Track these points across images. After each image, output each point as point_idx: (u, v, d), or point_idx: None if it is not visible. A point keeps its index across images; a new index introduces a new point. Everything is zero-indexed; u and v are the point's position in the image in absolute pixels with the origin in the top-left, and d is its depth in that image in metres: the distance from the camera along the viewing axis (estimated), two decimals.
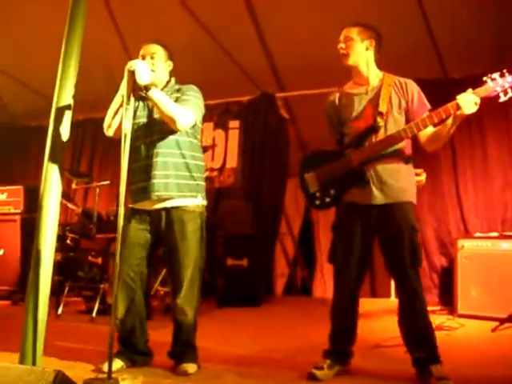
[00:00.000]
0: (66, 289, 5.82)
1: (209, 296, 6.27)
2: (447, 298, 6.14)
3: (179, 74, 3.84)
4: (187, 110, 3.52)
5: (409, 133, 3.25)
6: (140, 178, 3.60)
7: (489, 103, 3.24)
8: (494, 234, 5.89)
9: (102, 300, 5.53)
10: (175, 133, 3.56)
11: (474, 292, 5.60)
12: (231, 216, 6.80)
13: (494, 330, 4.89)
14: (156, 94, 3.45)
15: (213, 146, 7.62)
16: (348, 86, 3.58)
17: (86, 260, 6.05)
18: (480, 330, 5.04)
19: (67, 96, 3.37)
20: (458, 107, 3.09)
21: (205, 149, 3.90)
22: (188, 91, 3.64)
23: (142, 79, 3.35)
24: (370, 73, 3.47)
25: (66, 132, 3.38)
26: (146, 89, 3.41)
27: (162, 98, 3.46)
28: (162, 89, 3.69)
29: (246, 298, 6.62)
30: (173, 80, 3.78)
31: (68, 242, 6.07)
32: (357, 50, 3.44)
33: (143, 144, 3.62)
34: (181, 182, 3.56)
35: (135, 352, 3.66)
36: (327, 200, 3.49)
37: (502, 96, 3.12)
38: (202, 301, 3.70)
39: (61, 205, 3.36)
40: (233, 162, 7.65)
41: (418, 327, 3.33)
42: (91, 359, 3.68)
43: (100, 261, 5.99)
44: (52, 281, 3.25)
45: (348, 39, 3.44)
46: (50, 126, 3.39)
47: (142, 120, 3.67)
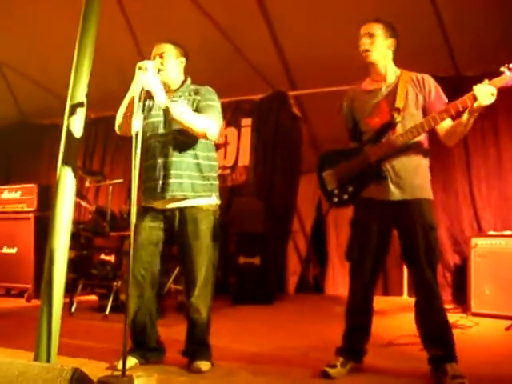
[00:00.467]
0: (80, 287, 5.86)
1: (222, 294, 6.28)
2: (461, 297, 6.12)
3: (192, 72, 3.84)
4: (213, 120, 3.55)
5: (426, 126, 3.23)
6: (153, 176, 3.61)
7: (502, 99, 3.22)
8: (508, 233, 5.85)
9: (115, 297, 5.55)
10: (189, 134, 3.56)
11: (488, 290, 5.57)
12: (244, 214, 6.81)
13: (507, 328, 4.88)
14: (178, 111, 3.46)
15: (225, 144, 7.64)
16: (365, 83, 3.55)
17: (99, 258, 6.08)
18: (494, 329, 5.02)
19: (81, 95, 3.38)
20: (474, 98, 3.06)
21: (217, 147, 3.89)
22: (207, 95, 3.65)
23: (159, 101, 3.41)
24: (388, 70, 3.44)
25: (79, 130, 3.39)
26: (166, 109, 3.46)
27: (186, 115, 3.48)
28: (177, 88, 3.71)
29: (259, 296, 6.62)
30: (189, 80, 3.77)
31: (81, 239, 6.09)
32: (380, 46, 3.39)
33: (157, 142, 3.62)
34: (195, 182, 3.57)
35: (147, 349, 3.67)
36: (345, 197, 3.48)
37: None
38: (215, 299, 3.70)
39: (74, 203, 3.37)
40: (245, 160, 7.66)
41: (435, 325, 3.32)
42: (105, 357, 3.70)
43: (113, 259, 6.02)
44: (66, 279, 3.26)
45: (371, 35, 3.39)
46: (64, 125, 3.39)
47: (157, 119, 3.67)
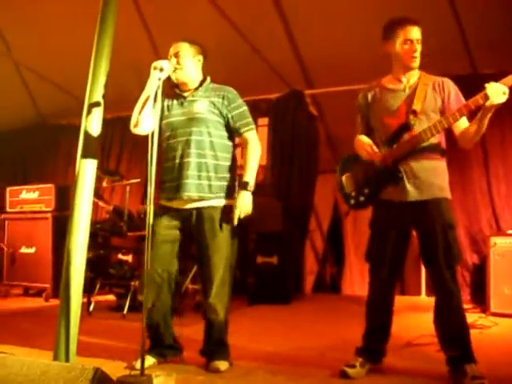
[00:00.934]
0: (98, 286, 5.88)
1: (239, 293, 6.28)
2: (479, 296, 6.08)
3: (209, 72, 3.82)
4: (254, 136, 3.72)
5: (439, 127, 3.22)
6: (172, 176, 3.60)
7: None
8: None
9: (132, 297, 5.55)
10: (210, 135, 3.59)
11: (507, 290, 5.53)
12: (261, 214, 6.73)
13: None
14: (253, 180, 3.63)
15: (239, 145, 7.61)
16: (387, 80, 3.51)
17: (116, 258, 6.11)
18: None
19: (98, 95, 3.40)
20: (486, 97, 3.04)
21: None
22: (235, 100, 3.67)
23: (246, 211, 3.58)
24: (412, 72, 3.42)
25: (97, 130, 3.41)
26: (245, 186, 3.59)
27: (254, 173, 3.64)
28: (196, 88, 3.69)
29: (276, 296, 6.60)
30: (208, 79, 3.75)
31: (99, 239, 6.11)
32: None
33: (177, 143, 3.61)
34: (213, 184, 3.57)
35: (164, 346, 3.68)
36: (361, 199, 3.49)
37: None
38: (232, 298, 3.69)
39: (92, 202, 3.39)
40: (262, 159, 7.54)
41: (453, 326, 3.29)
42: (123, 356, 3.71)
43: (130, 258, 6.04)
44: (84, 278, 3.28)
45: (419, 41, 3.36)
46: (82, 125, 3.41)
47: (177, 119, 3.66)
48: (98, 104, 3.40)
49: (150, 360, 3.50)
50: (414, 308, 6.00)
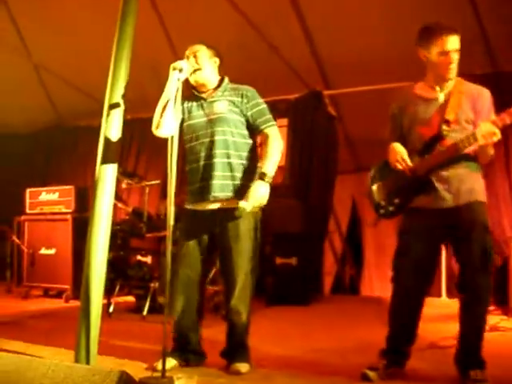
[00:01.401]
0: (117, 287, 5.88)
1: (257, 295, 6.25)
2: (501, 298, 6.00)
3: (227, 72, 3.81)
4: (275, 132, 3.66)
5: (472, 141, 3.13)
6: (197, 178, 3.59)
7: None
8: None
9: (152, 299, 5.56)
10: (233, 135, 3.57)
11: None
12: (280, 214, 6.75)
13: None
14: (272, 171, 3.56)
15: (260, 145, 7.57)
16: (419, 88, 3.41)
17: (135, 259, 6.11)
18: None
19: (118, 96, 3.40)
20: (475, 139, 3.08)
21: None
22: (254, 98, 3.65)
23: (260, 201, 3.46)
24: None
25: (117, 132, 3.41)
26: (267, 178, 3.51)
27: (275, 165, 3.60)
28: (215, 88, 3.69)
29: (295, 297, 6.56)
30: (226, 79, 3.74)
31: (118, 240, 6.11)
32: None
33: (200, 145, 3.60)
34: (237, 184, 3.55)
35: (189, 351, 3.65)
36: (391, 209, 3.42)
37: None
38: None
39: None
40: (281, 160, 7.54)
41: (471, 330, 3.25)
42: (144, 358, 3.70)
43: (149, 260, 6.03)
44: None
45: (457, 51, 3.25)
46: (102, 127, 3.42)
47: (198, 120, 3.65)
48: (118, 105, 3.40)
49: (171, 362, 3.48)
50: (436, 309, 5.93)
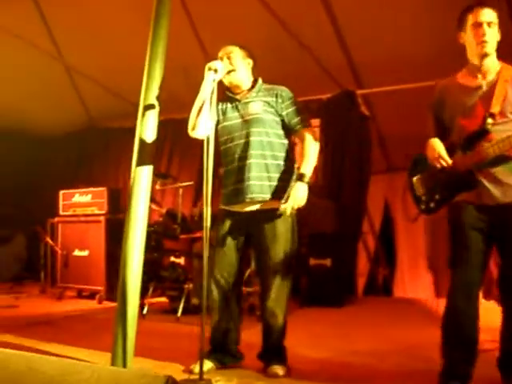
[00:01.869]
0: (151, 289, 5.88)
1: (291, 296, 6.20)
2: None
3: (260, 73, 3.79)
4: (310, 131, 3.61)
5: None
6: (233, 180, 3.58)
7: None
8: None
9: (186, 300, 5.56)
10: (268, 135, 3.54)
11: None
12: (314, 215, 6.68)
13: None
14: (310, 172, 3.49)
15: (293, 145, 7.55)
16: (461, 77, 3.21)
17: (169, 260, 6.11)
18: None
19: (153, 97, 3.39)
20: None
21: None
22: (289, 98, 3.62)
23: (300, 203, 3.41)
24: (491, 65, 3.09)
25: (152, 133, 3.39)
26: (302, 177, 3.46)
27: (313, 165, 3.53)
28: (249, 89, 3.67)
29: (329, 299, 6.50)
30: (260, 80, 3.72)
31: (151, 242, 6.12)
32: (495, 36, 3.08)
33: (235, 146, 3.58)
34: (274, 184, 3.51)
35: (227, 354, 3.63)
36: (431, 205, 3.27)
37: None
38: None
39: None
40: None
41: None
42: (179, 359, 3.69)
43: (183, 261, 6.03)
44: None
45: (491, 24, 3.04)
46: (137, 128, 3.41)
47: (233, 122, 3.63)
48: (152, 107, 3.39)
49: (208, 364, 3.46)
50: None
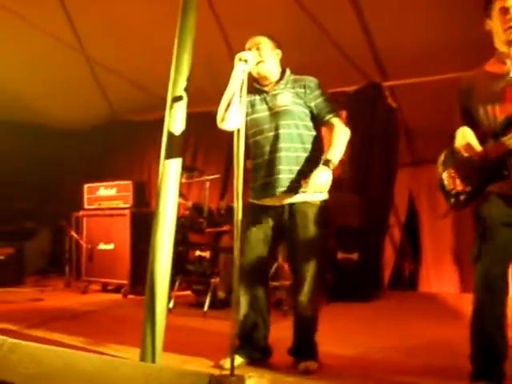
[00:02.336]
0: (177, 283, 5.86)
1: None
2: None
3: (285, 63, 3.74)
4: (339, 120, 3.54)
5: None
6: (263, 173, 3.53)
7: None
8: None
9: (212, 294, 5.54)
10: (297, 127, 3.49)
11: None
12: (341, 208, 6.58)
13: None
14: (337, 159, 3.41)
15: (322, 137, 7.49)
16: (490, 64, 3.12)
17: (194, 254, 6.07)
18: None
19: (181, 90, 3.35)
20: None
21: None
22: (317, 88, 3.57)
23: (321, 188, 3.35)
24: None
25: (181, 126, 3.35)
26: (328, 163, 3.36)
27: (340, 154, 3.45)
28: (277, 81, 3.62)
29: (356, 293, 6.43)
30: (288, 71, 3.67)
31: (177, 235, 6.09)
32: None
33: (264, 139, 3.54)
34: (305, 177, 3.43)
35: (255, 349, 3.59)
36: (462, 198, 3.13)
37: None
38: None
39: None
40: None
41: None
42: (207, 354, 3.67)
43: (208, 255, 5.99)
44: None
45: None
46: (166, 121, 3.37)
47: (262, 114, 3.58)
48: (180, 98, 3.34)
49: (237, 359, 3.39)
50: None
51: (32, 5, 6.59)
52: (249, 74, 3.41)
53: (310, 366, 3.38)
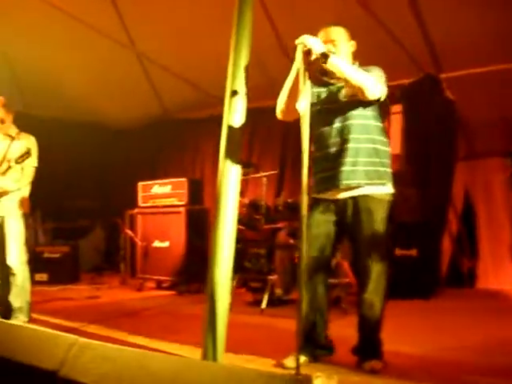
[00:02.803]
0: (235, 280, 5.82)
1: None
2: None
3: None
4: (372, 78, 3.30)
5: None
6: (326, 166, 3.45)
7: None
8: None
9: (270, 292, 5.48)
10: (364, 117, 3.39)
11: None
12: (399, 204, 6.44)
13: None
14: (337, 61, 3.22)
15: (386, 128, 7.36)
16: None
17: (251, 251, 6.04)
18: None
19: (240, 85, 3.29)
20: None
21: None
22: (373, 69, 3.41)
23: (316, 49, 3.11)
24: None
25: (241, 120, 3.30)
26: (325, 57, 3.16)
27: (345, 66, 3.26)
28: None
29: (415, 290, 6.29)
30: (356, 63, 3.55)
31: None
32: None
33: (329, 131, 3.45)
34: (370, 169, 3.37)
35: (318, 346, 3.54)
36: None
37: None
38: None
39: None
40: (396, 148, 7.23)
41: None
42: (267, 353, 3.63)
43: (264, 252, 5.93)
44: None
45: None
46: (224, 117, 3.31)
47: (327, 106, 3.49)
48: (240, 94, 3.28)
49: (300, 358, 3.32)
50: None
51: (87, 7, 6.67)
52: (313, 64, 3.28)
53: (374, 365, 3.30)
